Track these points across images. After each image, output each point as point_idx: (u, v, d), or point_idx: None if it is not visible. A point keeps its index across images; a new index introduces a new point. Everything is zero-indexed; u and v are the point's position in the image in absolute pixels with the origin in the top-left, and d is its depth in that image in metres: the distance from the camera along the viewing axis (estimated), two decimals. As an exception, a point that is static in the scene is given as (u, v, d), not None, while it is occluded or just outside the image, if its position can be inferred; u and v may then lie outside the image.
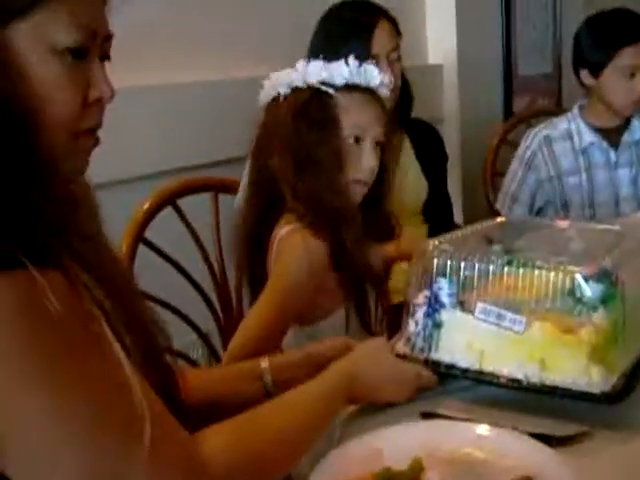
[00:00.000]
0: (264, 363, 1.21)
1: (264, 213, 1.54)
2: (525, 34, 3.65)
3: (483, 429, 0.99)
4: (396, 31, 2.13)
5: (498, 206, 2.59)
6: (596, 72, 2.39)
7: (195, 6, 2.24)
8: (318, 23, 2.11)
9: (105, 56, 0.89)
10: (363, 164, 1.51)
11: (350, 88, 1.51)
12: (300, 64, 1.51)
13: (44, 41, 0.79)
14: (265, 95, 1.55)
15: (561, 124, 2.51)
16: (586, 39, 2.44)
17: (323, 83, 1.49)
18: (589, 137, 2.46)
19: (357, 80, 1.50)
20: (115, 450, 0.74)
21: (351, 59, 1.50)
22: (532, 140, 2.51)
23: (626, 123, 2.47)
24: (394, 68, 2.08)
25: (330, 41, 2.04)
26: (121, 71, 0.98)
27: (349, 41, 2.02)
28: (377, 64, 2.02)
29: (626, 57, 2.34)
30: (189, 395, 1.01)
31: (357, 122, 1.51)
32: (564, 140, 2.48)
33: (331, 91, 1.49)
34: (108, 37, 0.87)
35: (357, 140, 1.50)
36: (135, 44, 0.91)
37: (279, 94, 1.52)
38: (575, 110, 2.51)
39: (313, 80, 1.49)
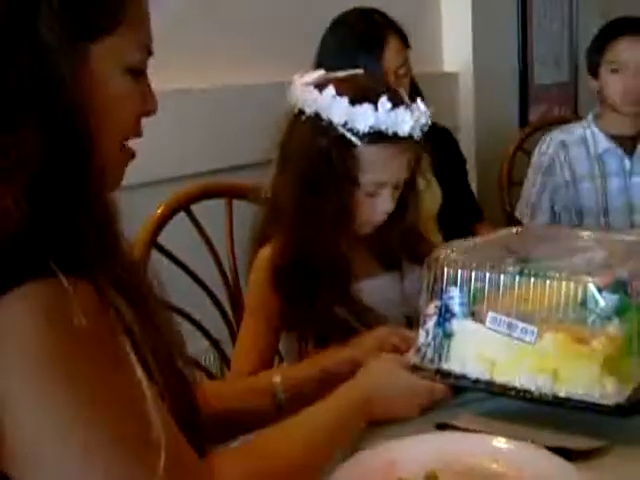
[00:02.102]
0: (276, 378, 1.21)
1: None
2: (541, 43, 3.63)
3: (500, 442, 0.97)
4: (405, 44, 2.12)
5: (518, 215, 2.56)
6: (595, 75, 2.46)
7: (216, 11, 2.25)
8: (328, 29, 2.11)
9: None
10: (377, 210, 1.43)
11: (376, 138, 1.36)
12: (328, 92, 1.37)
13: (117, 59, 0.83)
14: (290, 101, 1.45)
15: (576, 130, 2.51)
16: (589, 47, 2.53)
17: (346, 127, 1.36)
18: (604, 144, 2.45)
19: (384, 128, 1.35)
20: (128, 477, 0.73)
21: (383, 101, 1.35)
22: (548, 146, 2.50)
23: None
24: (402, 83, 2.08)
25: (340, 51, 2.04)
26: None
27: (360, 55, 2.03)
28: (385, 79, 2.03)
29: (609, 53, 2.41)
30: (203, 408, 1.00)
31: (378, 179, 1.40)
32: (579, 146, 2.48)
33: (355, 140, 1.37)
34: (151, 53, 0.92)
35: (374, 193, 1.41)
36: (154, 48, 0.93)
37: (304, 112, 1.41)
38: (590, 117, 2.51)
39: (336, 120, 1.37)
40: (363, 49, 2.05)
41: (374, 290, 1.47)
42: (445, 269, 1.12)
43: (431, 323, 1.12)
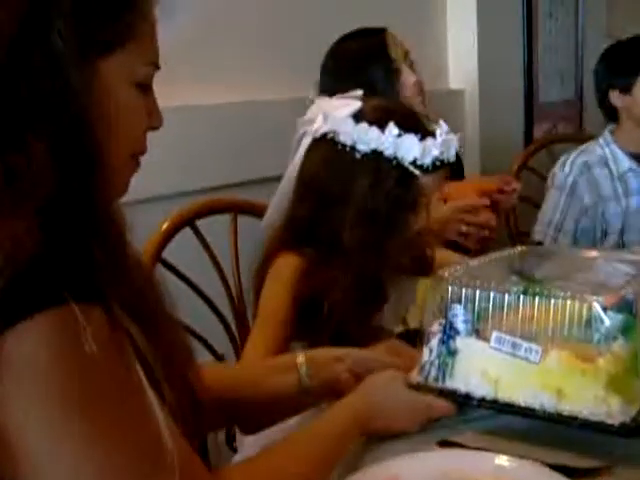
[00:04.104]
0: (301, 357, 1.21)
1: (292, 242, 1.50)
2: (547, 60, 3.65)
3: (503, 460, 0.97)
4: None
5: (538, 237, 2.51)
6: (626, 89, 2.40)
7: (221, 28, 2.26)
8: (328, 56, 2.09)
9: None
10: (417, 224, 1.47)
11: (436, 167, 1.42)
12: (391, 130, 1.39)
13: (126, 74, 0.85)
14: (320, 130, 1.46)
15: (596, 150, 2.48)
16: (613, 60, 2.47)
17: (415, 163, 1.40)
18: (626, 163, 2.44)
19: (442, 157, 1.41)
20: None
21: (440, 131, 1.40)
22: (571, 167, 2.46)
23: None
24: (416, 70, 2.09)
25: (342, 72, 2.02)
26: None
27: (369, 61, 2.03)
28: (399, 70, 2.04)
29: None
30: (226, 388, 1.04)
31: (427, 201, 1.46)
32: (601, 167, 2.45)
33: (417, 173, 1.40)
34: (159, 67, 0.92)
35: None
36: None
37: (353, 148, 1.42)
38: (607, 135, 2.48)
39: (407, 158, 1.39)
40: (368, 55, 2.04)
41: None
42: (450, 287, 1.12)
43: (435, 341, 1.12)
